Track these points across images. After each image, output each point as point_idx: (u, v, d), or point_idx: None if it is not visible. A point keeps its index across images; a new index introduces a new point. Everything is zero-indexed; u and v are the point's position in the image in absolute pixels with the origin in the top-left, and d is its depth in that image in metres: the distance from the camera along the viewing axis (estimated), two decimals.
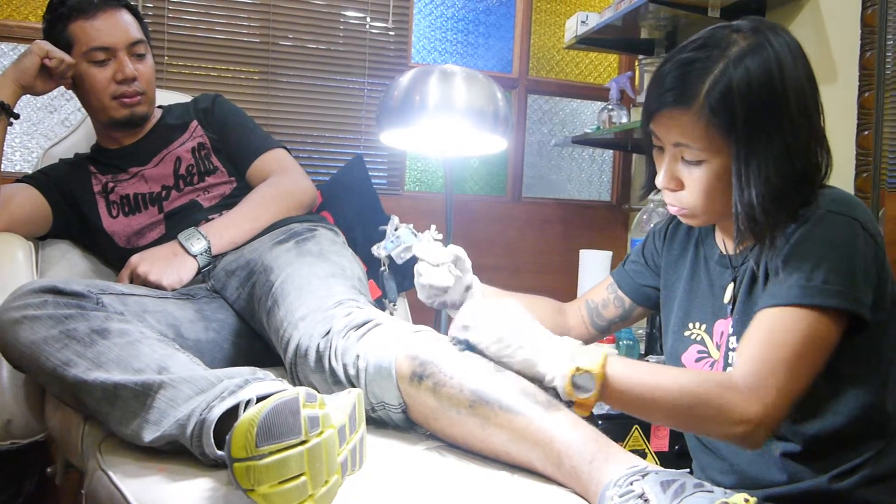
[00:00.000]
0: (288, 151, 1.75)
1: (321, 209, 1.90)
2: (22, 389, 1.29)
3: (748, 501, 0.75)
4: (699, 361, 1.13)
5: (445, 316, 1.71)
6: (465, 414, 0.95)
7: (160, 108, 1.76)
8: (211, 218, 1.57)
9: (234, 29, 2.42)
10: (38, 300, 1.10)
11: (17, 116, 1.53)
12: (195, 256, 1.46)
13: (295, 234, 1.48)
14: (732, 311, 1.09)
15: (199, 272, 1.47)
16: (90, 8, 1.55)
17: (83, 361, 1.04)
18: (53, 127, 2.30)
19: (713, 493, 0.77)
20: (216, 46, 2.40)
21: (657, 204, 2.27)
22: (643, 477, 0.81)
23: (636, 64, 2.63)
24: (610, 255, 2.44)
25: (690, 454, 1.20)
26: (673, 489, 0.78)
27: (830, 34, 1.89)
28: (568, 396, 0.94)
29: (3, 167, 1.57)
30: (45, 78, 1.53)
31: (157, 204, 1.62)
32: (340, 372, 1.06)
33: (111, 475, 0.94)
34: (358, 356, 1.05)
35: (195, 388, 0.97)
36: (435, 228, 1.23)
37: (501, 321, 1.00)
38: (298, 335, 1.14)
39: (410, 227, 1.24)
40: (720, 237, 1.15)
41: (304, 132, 2.52)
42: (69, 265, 1.62)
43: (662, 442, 1.75)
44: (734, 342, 1.07)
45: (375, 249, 1.24)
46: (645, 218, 2.32)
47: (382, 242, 1.24)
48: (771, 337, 0.95)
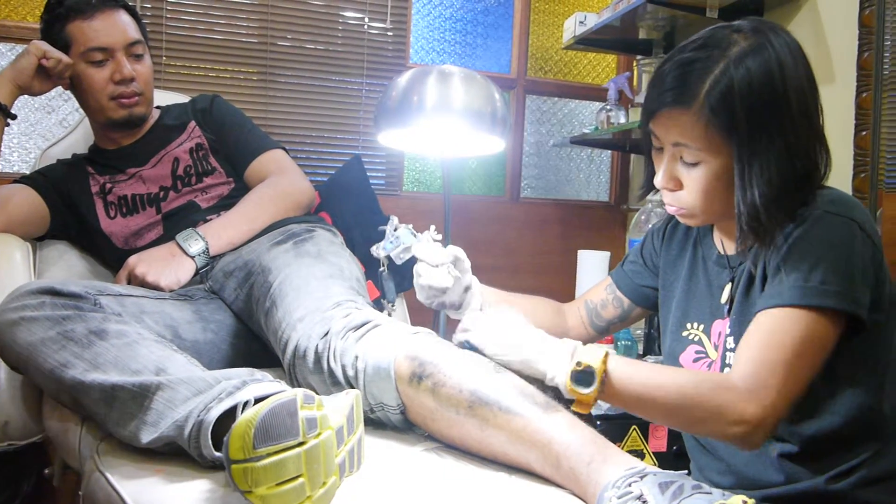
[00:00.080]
0: (286, 152, 1.75)
1: (319, 210, 1.90)
2: (19, 391, 1.29)
3: (746, 503, 0.75)
4: (697, 362, 1.14)
5: (444, 316, 1.71)
6: (463, 414, 0.95)
7: (158, 108, 1.75)
8: (209, 219, 1.56)
9: (232, 29, 2.42)
10: (35, 301, 1.10)
11: (14, 117, 1.53)
12: (193, 257, 1.46)
13: (293, 234, 1.48)
14: (730, 311, 1.09)
15: (196, 273, 1.47)
16: (88, 8, 1.55)
17: (81, 363, 1.04)
18: (51, 127, 2.30)
19: (711, 494, 0.77)
20: (214, 47, 2.40)
21: (655, 204, 2.27)
22: (641, 478, 0.81)
23: (634, 64, 2.64)
24: (608, 255, 2.44)
25: (688, 455, 1.21)
26: (671, 491, 0.78)
27: (828, 35, 1.89)
28: (569, 393, 0.94)
29: (0, 168, 1.57)
30: (42, 78, 1.53)
31: (154, 205, 1.62)
32: (339, 373, 1.06)
33: (109, 477, 0.94)
34: (357, 357, 1.05)
35: (193, 389, 0.97)
36: (434, 229, 1.23)
37: (502, 323, 1.02)
38: (297, 336, 1.14)
39: (410, 227, 1.24)
40: (718, 237, 1.15)
41: (302, 132, 2.52)
42: (67, 266, 1.62)
43: (660, 442, 1.75)
44: (731, 342, 1.07)
45: (374, 250, 1.24)
46: (643, 218, 2.32)
47: (381, 243, 1.24)
48: (769, 338, 0.95)
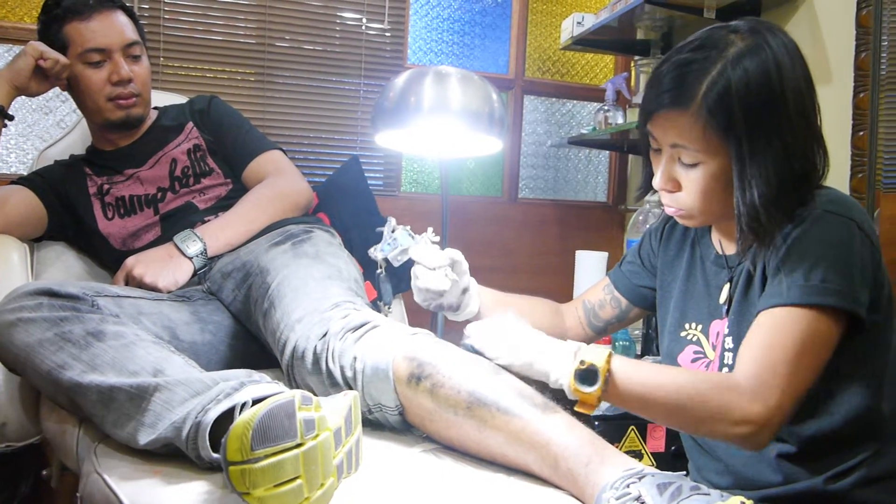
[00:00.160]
0: (284, 153, 1.74)
1: (317, 211, 1.90)
2: (17, 392, 1.28)
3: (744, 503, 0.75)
4: (695, 362, 1.13)
5: (442, 317, 1.71)
6: (462, 416, 0.95)
7: (156, 109, 1.75)
8: (207, 220, 1.56)
9: (230, 30, 2.42)
10: (33, 302, 1.10)
11: (11, 118, 1.52)
12: (191, 258, 1.46)
13: (291, 235, 1.48)
14: (728, 311, 1.09)
15: (194, 274, 1.47)
16: (85, 9, 1.55)
17: (78, 364, 1.04)
18: (49, 128, 2.29)
19: (709, 495, 0.77)
20: (212, 47, 2.40)
21: (653, 205, 2.27)
22: (640, 479, 0.81)
23: (632, 65, 2.64)
24: (606, 255, 2.44)
25: (686, 455, 1.20)
26: (669, 492, 0.78)
27: (825, 35, 1.89)
28: (572, 392, 0.94)
29: None
30: (39, 79, 1.53)
31: (152, 206, 1.61)
32: (337, 374, 1.06)
33: (106, 478, 0.94)
34: (355, 358, 1.05)
35: (191, 390, 0.96)
36: (432, 231, 1.23)
37: (505, 327, 1.03)
38: (295, 337, 1.14)
39: (407, 228, 1.24)
40: (716, 237, 1.15)
41: (300, 133, 2.51)
42: (64, 267, 1.62)
43: (658, 443, 1.75)
44: (730, 343, 1.07)
45: (372, 252, 1.24)
46: (641, 219, 2.32)
47: (379, 245, 1.23)
48: (771, 337, 0.95)
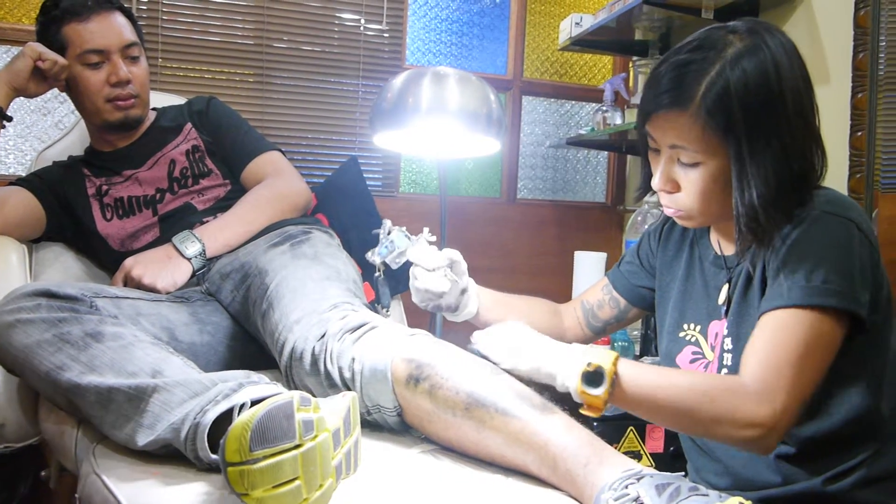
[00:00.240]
0: (283, 154, 1.74)
1: (316, 211, 1.90)
2: (16, 393, 1.28)
3: None
4: (693, 363, 1.13)
5: (441, 318, 1.71)
6: (460, 417, 0.95)
7: (154, 110, 1.75)
8: (205, 221, 1.56)
9: (228, 31, 2.42)
10: (31, 304, 1.10)
11: (10, 119, 1.52)
12: (189, 259, 1.46)
13: (290, 236, 1.48)
14: (727, 312, 1.09)
15: (193, 275, 1.47)
16: (84, 10, 1.55)
17: (77, 365, 1.04)
18: (47, 129, 2.29)
19: (708, 496, 0.77)
20: (210, 48, 2.40)
21: (652, 205, 2.27)
22: (638, 480, 0.81)
23: (630, 65, 2.64)
24: (605, 256, 2.44)
25: (685, 456, 1.20)
26: (668, 493, 0.78)
27: (823, 36, 1.89)
28: (579, 395, 0.93)
29: None
30: (38, 80, 1.53)
31: (151, 207, 1.61)
32: (336, 375, 1.06)
33: (105, 479, 0.93)
34: (353, 359, 1.05)
35: (189, 391, 0.96)
36: (428, 231, 1.23)
37: (511, 331, 1.03)
38: (294, 338, 1.14)
39: (403, 229, 1.23)
40: (715, 238, 1.15)
41: (298, 134, 2.51)
42: (63, 268, 1.61)
43: (657, 444, 1.75)
44: (729, 344, 1.07)
45: (370, 256, 1.24)
46: (640, 219, 2.32)
47: (376, 249, 1.23)
48: (775, 339, 0.94)
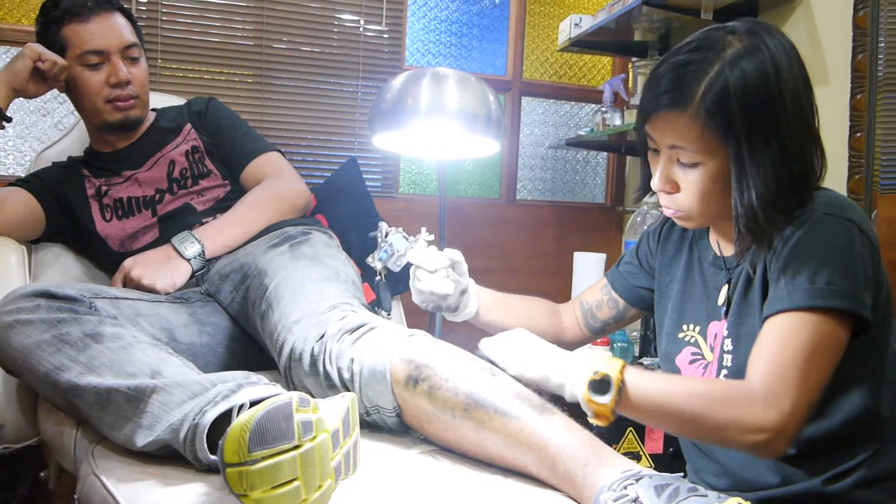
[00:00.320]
0: (282, 154, 1.75)
1: (315, 212, 1.90)
2: (14, 394, 1.28)
3: None
4: (693, 364, 1.13)
5: (440, 319, 1.71)
6: (459, 417, 0.95)
7: (154, 111, 1.75)
8: (205, 221, 1.56)
9: (228, 32, 2.42)
10: (30, 304, 1.10)
11: (9, 119, 1.52)
12: (189, 260, 1.46)
13: (289, 237, 1.48)
14: (727, 313, 1.08)
15: (192, 276, 1.47)
16: (83, 11, 1.55)
17: (76, 366, 1.04)
18: (46, 130, 2.29)
19: (707, 497, 0.77)
20: (210, 49, 2.40)
21: (651, 206, 2.27)
22: (637, 481, 0.81)
23: (629, 66, 2.64)
24: (604, 257, 2.44)
25: (684, 457, 1.20)
26: (667, 493, 0.78)
27: (822, 36, 1.90)
28: (586, 403, 0.93)
29: None
30: (37, 81, 1.52)
31: (150, 207, 1.61)
32: (335, 376, 1.06)
33: (104, 480, 0.93)
34: (352, 360, 1.05)
35: (188, 392, 0.96)
36: (426, 230, 1.22)
37: (519, 339, 1.03)
38: (293, 339, 1.14)
39: (401, 230, 1.23)
40: (714, 239, 1.15)
41: (297, 135, 2.51)
42: (62, 269, 1.61)
43: (657, 444, 1.75)
44: (728, 345, 1.07)
45: (371, 261, 1.23)
46: (639, 220, 2.32)
47: (376, 253, 1.23)
48: (780, 343, 0.94)
